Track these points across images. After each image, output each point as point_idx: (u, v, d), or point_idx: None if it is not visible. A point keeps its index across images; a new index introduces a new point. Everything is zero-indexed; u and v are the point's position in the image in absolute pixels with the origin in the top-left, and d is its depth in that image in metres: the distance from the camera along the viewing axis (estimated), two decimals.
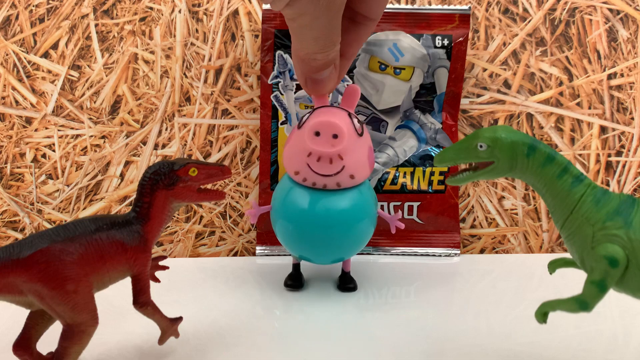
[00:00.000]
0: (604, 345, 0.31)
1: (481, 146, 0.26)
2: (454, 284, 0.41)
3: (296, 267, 0.41)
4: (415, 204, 0.47)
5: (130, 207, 0.32)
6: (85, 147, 0.47)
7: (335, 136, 0.33)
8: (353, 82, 0.46)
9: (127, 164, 0.48)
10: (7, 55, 0.46)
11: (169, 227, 0.48)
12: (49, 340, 0.28)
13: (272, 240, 0.47)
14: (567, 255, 0.43)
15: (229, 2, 0.47)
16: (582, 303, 0.25)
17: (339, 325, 0.34)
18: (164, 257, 0.33)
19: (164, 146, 0.48)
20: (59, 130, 0.47)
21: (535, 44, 0.48)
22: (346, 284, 0.40)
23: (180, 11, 0.47)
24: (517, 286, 0.40)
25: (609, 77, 0.48)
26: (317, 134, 0.33)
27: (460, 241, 0.48)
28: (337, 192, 0.35)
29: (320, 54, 0.29)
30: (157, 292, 0.30)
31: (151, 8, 0.47)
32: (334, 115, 0.34)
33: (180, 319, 0.30)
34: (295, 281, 0.40)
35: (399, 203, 0.47)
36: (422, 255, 0.47)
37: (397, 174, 0.47)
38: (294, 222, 0.36)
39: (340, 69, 0.32)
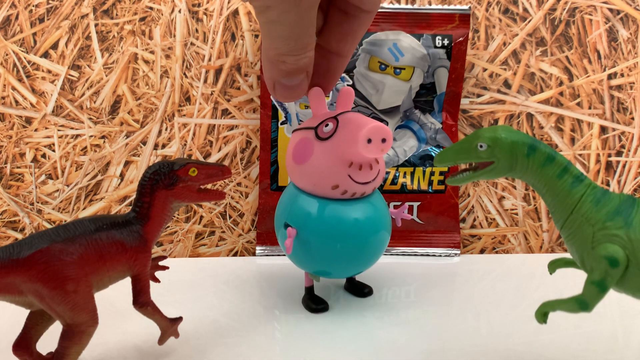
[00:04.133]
0: (604, 345, 0.31)
1: (481, 146, 0.26)
2: (454, 284, 0.41)
3: (310, 289, 0.38)
4: (415, 204, 0.47)
5: (130, 207, 0.32)
6: (85, 147, 0.47)
7: (384, 140, 0.31)
8: (353, 82, 0.46)
9: (127, 164, 0.48)
10: (7, 55, 0.46)
11: (169, 227, 0.48)
12: (49, 340, 0.28)
13: (272, 240, 0.47)
14: (567, 255, 0.43)
15: (229, 2, 0.47)
16: (582, 303, 0.25)
17: (338, 325, 0.34)
18: (164, 257, 0.33)
19: (164, 146, 0.48)
20: (58, 130, 0.47)
21: (535, 44, 0.48)
22: (362, 289, 0.39)
23: (180, 11, 0.47)
24: (517, 286, 0.40)
25: (609, 77, 0.48)
26: (370, 141, 0.30)
27: (460, 241, 0.48)
28: (354, 201, 0.34)
29: (290, 56, 0.27)
30: (157, 292, 0.30)
31: (151, 8, 0.46)
32: (370, 119, 0.32)
33: (180, 319, 0.30)
34: (319, 303, 0.37)
35: (399, 203, 0.47)
36: (422, 255, 0.47)
37: (397, 174, 0.47)
38: (320, 237, 0.34)
39: (335, 68, 0.31)
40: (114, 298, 0.33)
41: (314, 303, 0.37)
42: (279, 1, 0.24)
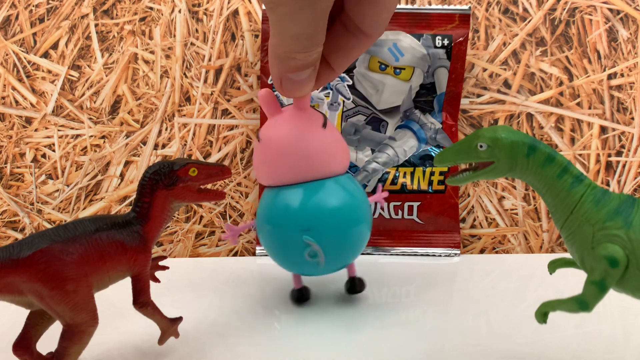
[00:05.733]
0: (604, 345, 0.31)
1: (481, 146, 0.26)
2: (454, 284, 0.41)
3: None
4: (415, 204, 0.47)
5: (130, 207, 0.32)
6: (85, 147, 0.47)
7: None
8: (353, 82, 0.46)
9: (127, 164, 0.48)
10: (7, 55, 0.46)
11: (169, 227, 0.48)
12: (49, 340, 0.28)
13: None
14: (567, 255, 0.43)
15: (229, 2, 0.47)
16: (582, 303, 0.25)
17: (338, 325, 0.34)
18: (164, 257, 0.33)
19: (164, 146, 0.48)
20: (59, 130, 0.47)
21: (535, 44, 0.48)
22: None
23: (180, 11, 0.47)
24: (517, 286, 0.40)
25: (609, 77, 0.48)
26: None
27: (460, 241, 0.48)
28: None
29: (301, 53, 0.26)
30: (157, 292, 0.30)
31: (151, 8, 0.46)
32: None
33: (180, 319, 0.30)
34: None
35: (399, 203, 0.47)
36: (422, 255, 0.47)
37: (397, 174, 0.47)
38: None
39: (323, 76, 0.29)
40: (114, 298, 0.33)
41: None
42: None
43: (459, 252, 0.47)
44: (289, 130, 0.33)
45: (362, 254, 0.47)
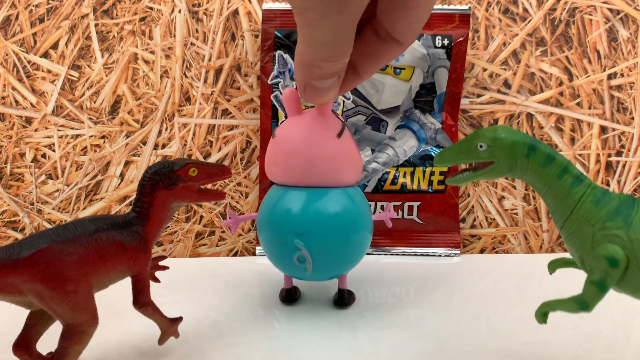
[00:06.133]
0: (604, 345, 0.31)
1: (481, 146, 0.26)
2: (454, 284, 0.41)
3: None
4: (415, 204, 0.47)
5: (130, 207, 0.32)
6: (85, 147, 0.47)
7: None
8: None
9: (127, 164, 0.48)
10: (7, 55, 0.46)
11: (169, 227, 0.48)
12: (49, 340, 0.28)
13: None
14: (567, 255, 0.43)
15: (229, 2, 0.47)
16: (582, 303, 0.25)
17: (338, 325, 0.34)
18: (164, 257, 0.33)
19: (164, 146, 0.48)
20: (59, 130, 0.47)
21: (535, 44, 0.48)
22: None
23: (180, 11, 0.47)
24: (517, 286, 0.40)
25: (609, 77, 0.48)
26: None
27: (460, 241, 0.48)
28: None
29: (327, 62, 0.26)
30: (157, 292, 0.30)
31: (151, 8, 0.47)
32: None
33: (180, 319, 0.30)
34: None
35: (399, 203, 0.47)
36: (422, 255, 0.47)
37: (397, 174, 0.47)
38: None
39: (349, 81, 0.29)
40: (114, 298, 0.33)
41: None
42: (317, 4, 0.22)
43: (459, 252, 0.47)
44: (301, 133, 0.33)
45: None
